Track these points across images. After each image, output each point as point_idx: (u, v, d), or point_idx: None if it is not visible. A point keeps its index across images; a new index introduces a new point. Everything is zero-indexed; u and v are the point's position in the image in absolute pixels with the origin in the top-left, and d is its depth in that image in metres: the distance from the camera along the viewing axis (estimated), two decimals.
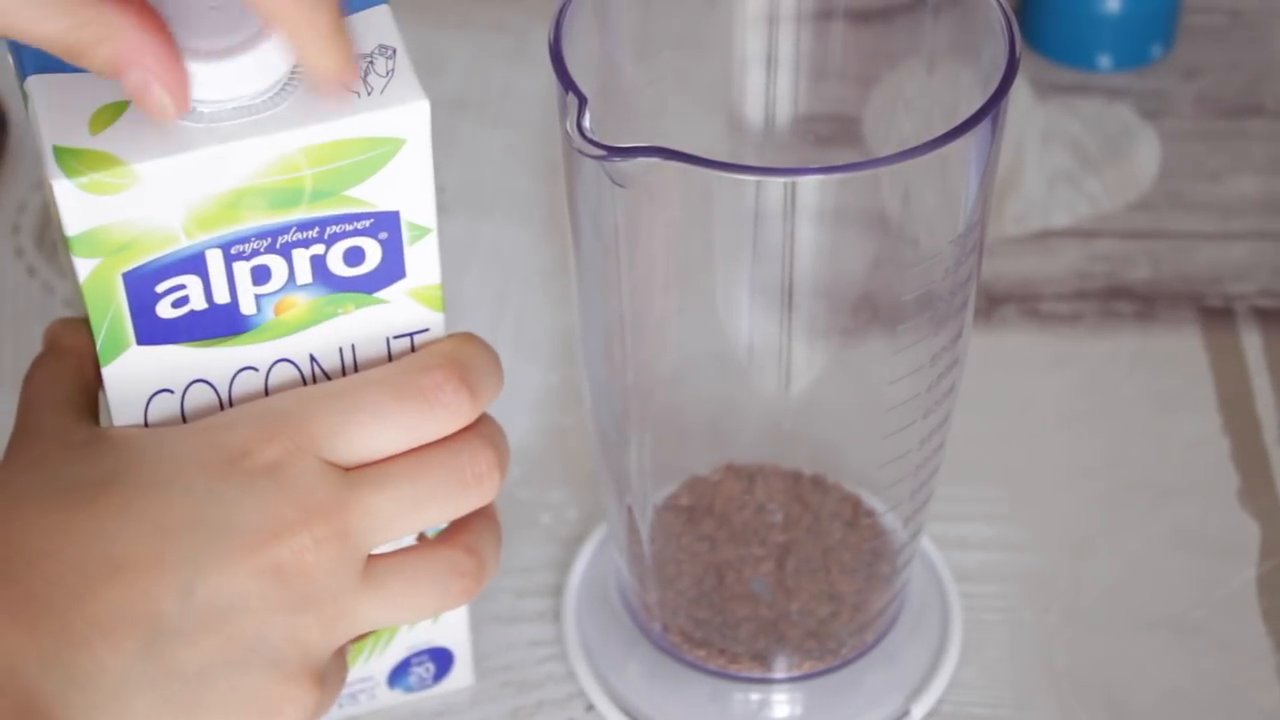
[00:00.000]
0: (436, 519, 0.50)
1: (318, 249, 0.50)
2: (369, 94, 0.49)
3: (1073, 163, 0.82)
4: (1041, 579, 0.67)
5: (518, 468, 0.71)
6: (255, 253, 0.50)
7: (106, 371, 0.51)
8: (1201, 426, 0.72)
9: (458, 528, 0.52)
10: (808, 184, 0.52)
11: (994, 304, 0.76)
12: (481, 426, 0.51)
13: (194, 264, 0.49)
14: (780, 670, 0.62)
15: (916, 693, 0.63)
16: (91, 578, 0.46)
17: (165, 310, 0.50)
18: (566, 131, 0.50)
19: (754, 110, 0.61)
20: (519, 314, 0.76)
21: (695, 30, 0.60)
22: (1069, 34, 0.86)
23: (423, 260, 0.52)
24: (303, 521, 0.48)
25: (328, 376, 0.53)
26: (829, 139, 0.62)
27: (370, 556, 0.50)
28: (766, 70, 0.60)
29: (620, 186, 0.50)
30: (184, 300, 0.50)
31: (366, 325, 0.52)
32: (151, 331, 0.50)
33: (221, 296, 0.50)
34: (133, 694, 0.47)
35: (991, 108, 0.51)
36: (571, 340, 0.75)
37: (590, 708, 0.63)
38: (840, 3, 0.59)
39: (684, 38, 0.59)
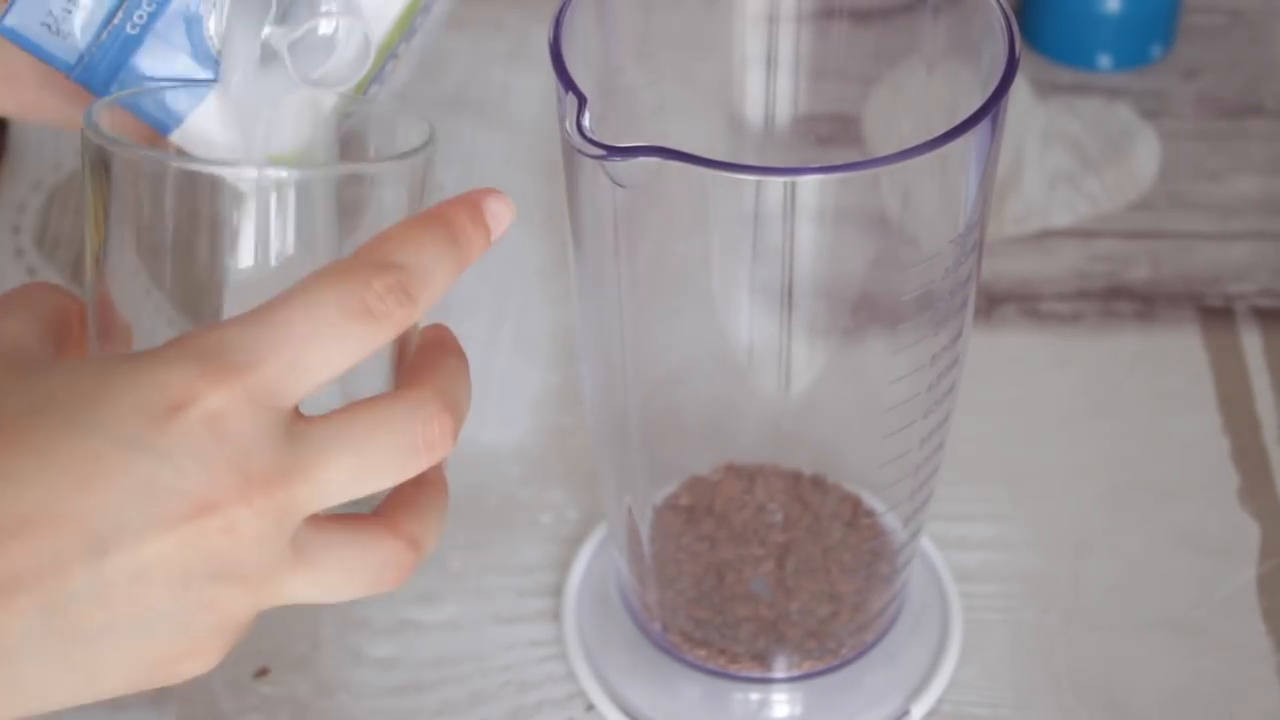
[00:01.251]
0: (382, 486, 0.47)
1: None
2: None
3: (1073, 163, 0.82)
4: (1041, 579, 0.67)
5: (517, 467, 0.71)
6: None
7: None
8: (1201, 426, 0.72)
9: (402, 509, 0.49)
10: (808, 184, 0.52)
11: (994, 304, 0.76)
12: (441, 383, 0.48)
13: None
14: (780, 670, 0.62)
15: (916, 693, 0.63)
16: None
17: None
18: (566, 131, 0.50)
19: (754, 110, 0.61)
20: (519, 314, 0.76)
21: (695, 30, 0.60)
22: (1069, 34, 0.86)
23: None
24: (240, 492, 0.44)
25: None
26: (829, 139, 0.62)
27: (304, 522, 0.46)
28: (766, 70, 0.60)
29: (620, 186, 0.50)
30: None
31: None
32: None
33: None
34: (28, 653, 0.44)
35: (991, 108, 0.51)
36: (571, 340, 0.75)
37: (590, 708, 0.63)
38: (840, 3, 0.59)
39: (684, 38, 0.59)
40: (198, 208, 0.48)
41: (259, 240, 0.49)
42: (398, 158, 0.49)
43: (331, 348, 0.45)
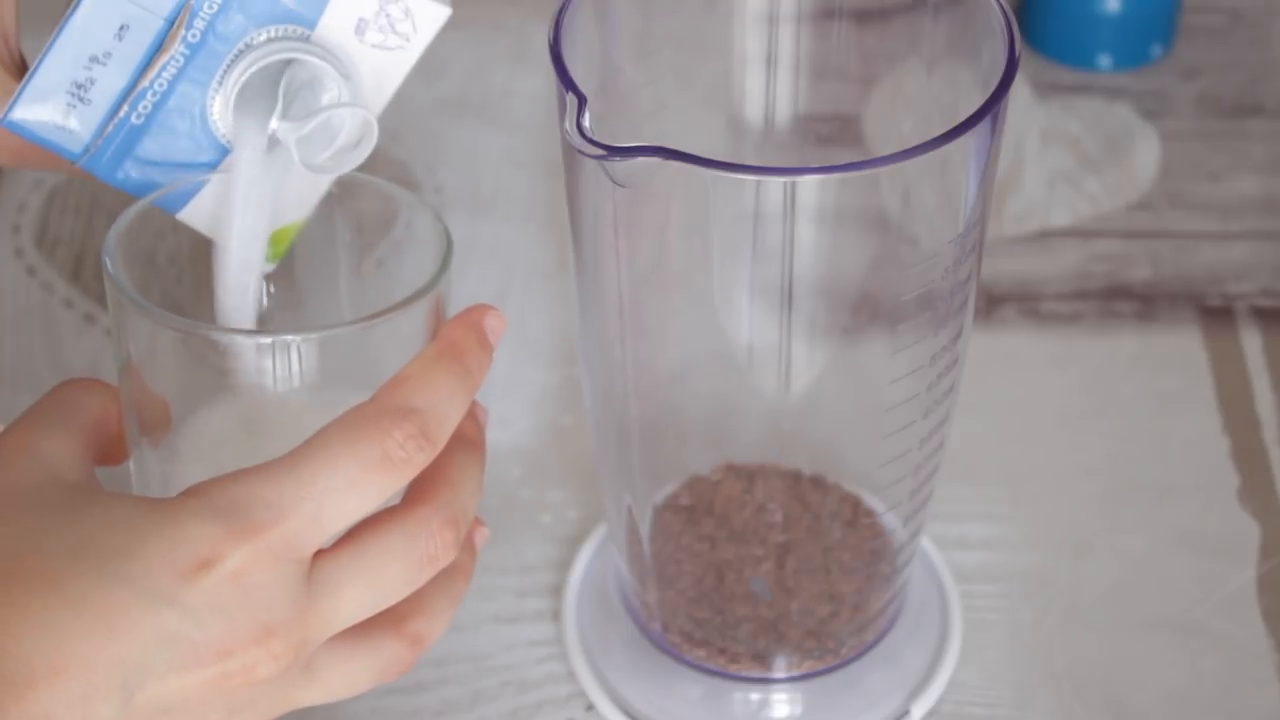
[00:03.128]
0: (391, 604, 0.50)
1: None
2: None
3: (1073, 163, 0.82)
4: (1041, 579, 0.67)
5: (517, 468, 0.71)
6: None
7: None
8: (1201, 426, 0.72)
9: (410, 604, 0.51)
10: (808, 184, 0.52)
11: (994, 304, 0.76)
12: (443, 494, 0.50)
13: None
14: (780, 670, 0.62)
15: (916, 693, 0.63)
16: (35, 675, 0.45)
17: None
18: (566, 131, 0.50)
19: (754, 110, 0.61)
20: (519, 314, 0.76)
21: (695, 30, 0.60)
22: (1069, 34, 0.86)
23: None
24: (260, 640, 0.47)
25: None
26: (829, 139, 0.62)
27: None
28: (766, 70, 0.60)
29: (620, 186, 0.50)
30: None
31: None
32: None
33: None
34: None
35: (991, 108, 0.51)
36: (571, 340, 0.75)
37: (590, 708, 0.63)
38: (840, 3, 0.59)
39: (684, 38, 0.59)
40: (216, 363, 0.50)
41: (279, 387, 0.51)
42: (416, 297, 0.50)
43: (352, 499, 0.47)
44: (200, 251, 0.54)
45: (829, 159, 0.59)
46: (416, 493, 0.50)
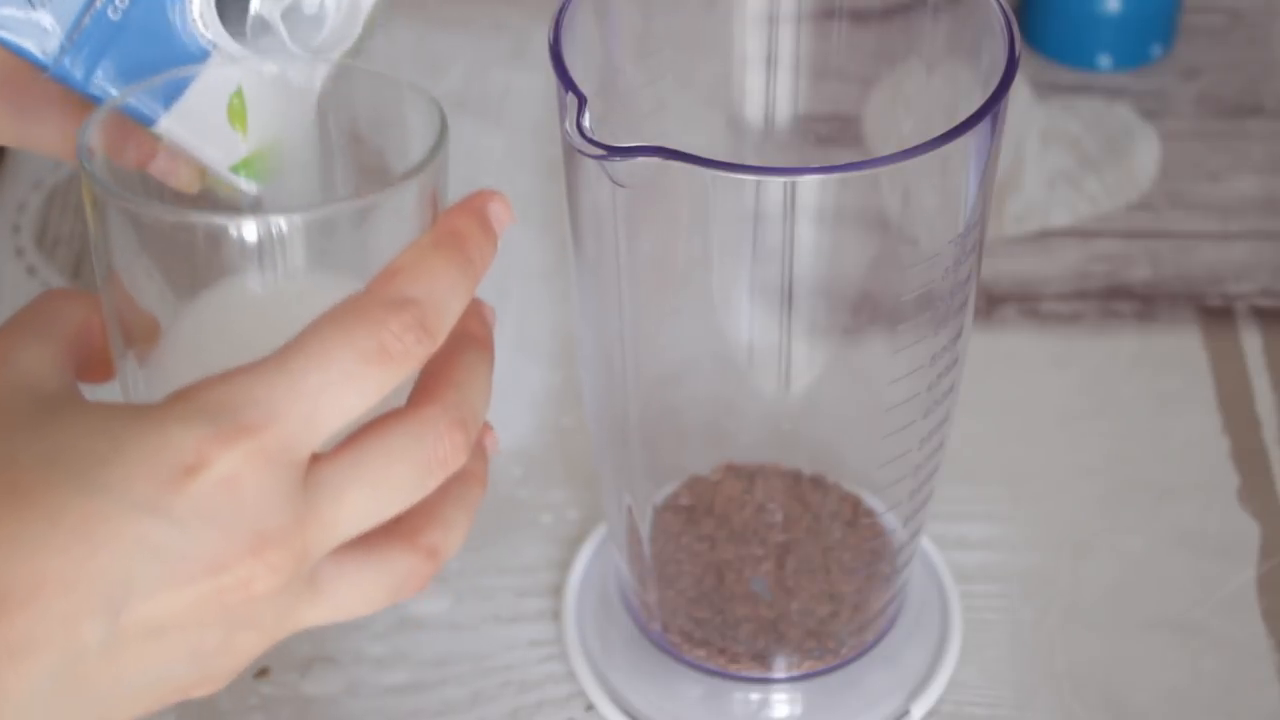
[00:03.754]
0: (398, 511, 0.46)
1: None
2: None
3: (1073, 163, 0.82)
4: (1041, 579, 0.67)
5: (518, 468, 0.71)
6: None
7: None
8: (1201, 426, 0.72)
9: (423, 517, 0.48)
10: (808, 184, 0.52)
11: (994, 304, 0.76)
12: (450, 395, 0.47)
13: None
14: (780, 670, 0.62)
15: (916, 693, 0.63)
16: (10, 595, 0.42)
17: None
18: (566, 131, 0.50)
19: (754, 110, 0.61)
20: (519, 314, 0.76)
21: (695, 30, 0.60)
22: (1069, 34, 0.86)
23: None
24: (255, 551, 0.43)
25: None
26: (829, 139, 0.62)
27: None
28: (766, 70, 0.60)
29: (620, 186, 0.50)
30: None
31: None
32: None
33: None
34: (36, 711, 0.43)
35: (991, 108, 0.51)
36: (571, 340, 0.75)
37: (590, 708, 0.63)
38: (840, 3, 0.59)
39: (684, 38, 0.59)
40: (203, 257, 0.47)
41: (267, 277, 0.47)
42: (410, 175, 0.47)
43: (348, 395, 0.44)
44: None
45: (829, 159, 0.59)
46: (421, 394, 0.47)
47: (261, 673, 0.64)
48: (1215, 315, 0.76)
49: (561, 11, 0.53)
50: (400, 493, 0.45)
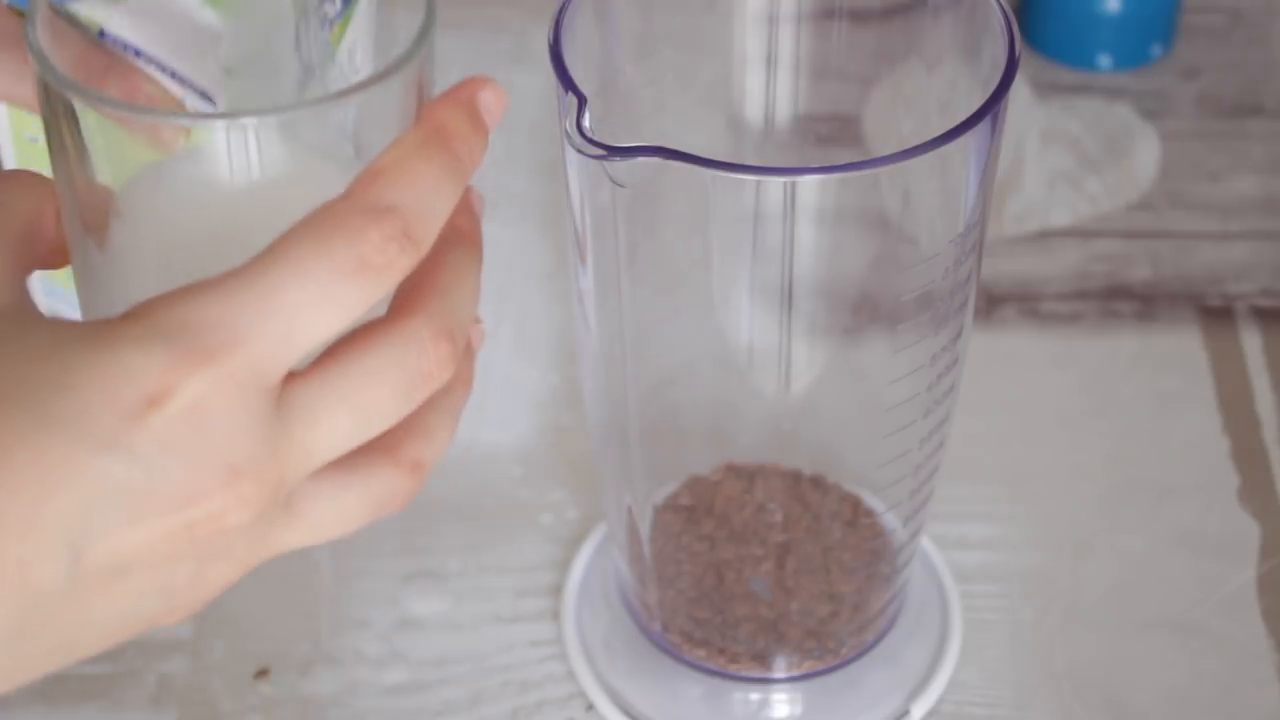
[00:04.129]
0: (380, 431, 0.43)
1: None
2: None
3: (1073, 163, 0.82)
4: (1041, 579, 0.67)
5: (518, 468, 0.71)
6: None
7: None
8: (1201, 426, 0.72)
9: (404, 429, 0.44)
10: (808, 184, 0.52)
11: (994, 304, 0.76)
12: (434, 303, 0.43)
13: None
14: (780, 670, 0.62)
15: (916, 693, 0.63)
16: None
17: None
18: (566, 131, 0.50)
19: (754, 110, 0.61)
20: (519, 314, 0.76)
21: (695, 30, 0.60)
22: (1069, 34, 0.86)
23: None
24: (226, 483, 0.40)
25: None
26: (829, 139, 0.62)
27: None
28: (766, 70, 0.60)
29: (620, 186, 0.50)
30: None
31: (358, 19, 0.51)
32: None
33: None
34: None
35: (991, 107, 0.51)
36: (571, 340, 0.75)
37: (590, 708, 0.63)
38: (840, 3, 0.59)
39: (684, 38, 0.59)
40: (167, 154, 0.44)
41: (239, 180, 0.44)
42: (392, 69, 0.43)
43: (325, 313, 0.40)
44: None
45: (829, 159, 0.59)
46: (403, 302, 0.43)
47: (261, 673, 0.64)
48: (1215, 315, 0.76)
49: (561, 11, 0.53)
50: (383, 413, 0.42)
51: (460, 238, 0.45)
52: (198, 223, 0.44)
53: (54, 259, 0.46)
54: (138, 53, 0.50)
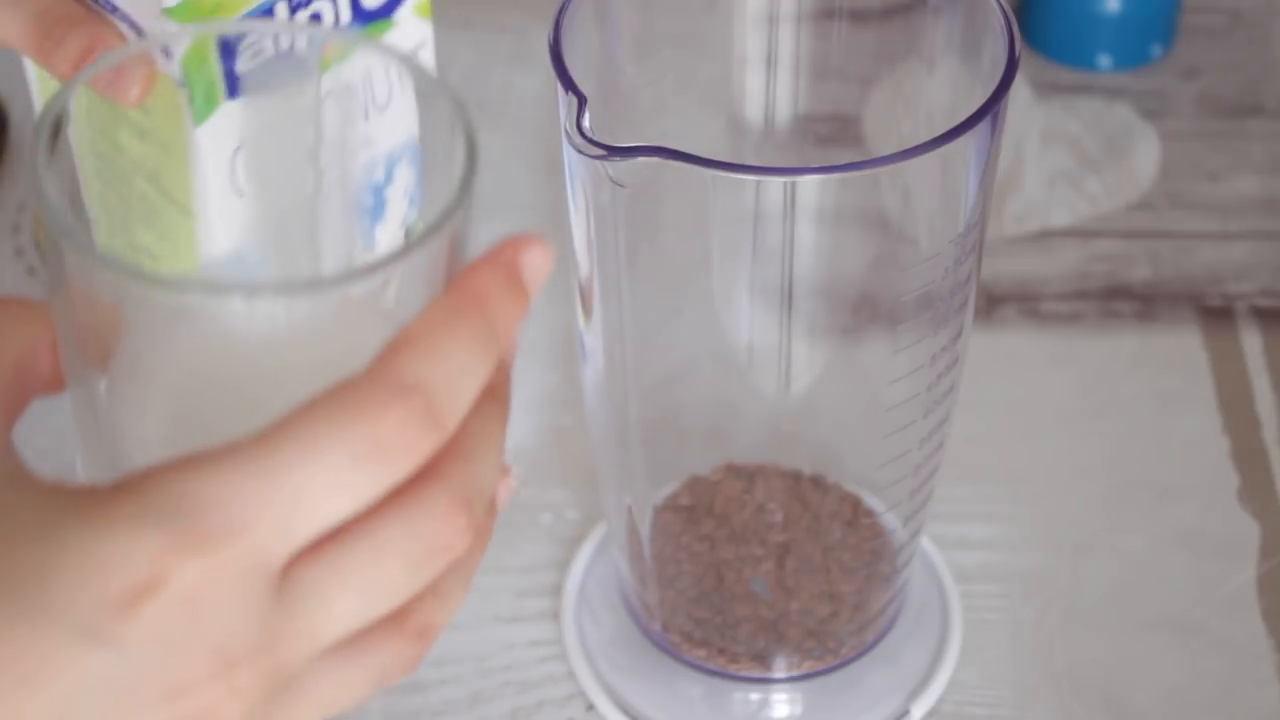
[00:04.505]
0: (390, 609, 0.39)
1: None
2: None
3: (1073, 163, 0.82)
4: (1041, 579, 0.67)
5: (517, 468, 0.70)
6: (310, 0, 0.54)
7: (200, 131, 0.52)
8: (1201, 426, 0.72)
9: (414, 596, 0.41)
10: (808, 184, 0.52)
11: (994, 304, 0.76)
12: (454, 467, 0.39)
13: (266, 16, 0.53)
14: (780, 670, 0.62)
15: (916, 693, 0.63)
16: None
17: (244, 64, 0.52)
18: (566, 131, 0.50)
19: (754, 110, 0.61)
20: None
21: (695, 30, 0.60)
22: (1069, 34, 0.86)
23: None
24: (218, 675, 0.37)
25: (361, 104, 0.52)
26: (829, 139, 0.62)
27: None
28: (766, 70, 0.60)
29: (620, 186, 0.50)
30: (259, 52, 0.52)
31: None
32: (234, 86, 0.53)
33: (285, 45, 0.53)
34: None
35: (991, 108, 0.51)
36: (571, 340, 0.75)
37: (590, 708, 0.63)
38: (840, 3, 0.59)
39: (684, 38, 0.59)
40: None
41: (255, 336, 0.40)
42: (430, 233, 0.40)
43: (335, 499, 0.37)
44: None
45: (829, 159, 0.59)
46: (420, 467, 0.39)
47: None
48: (1215, 315, 0.76)
49: (561, 11, 0.53)
50: (393, 590, 0.39)
51: (487, 394, 0.41)
52: (209, 372, 0.41)
53: (49, 392, 0.43)
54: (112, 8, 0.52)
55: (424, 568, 0.39)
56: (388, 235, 0.59)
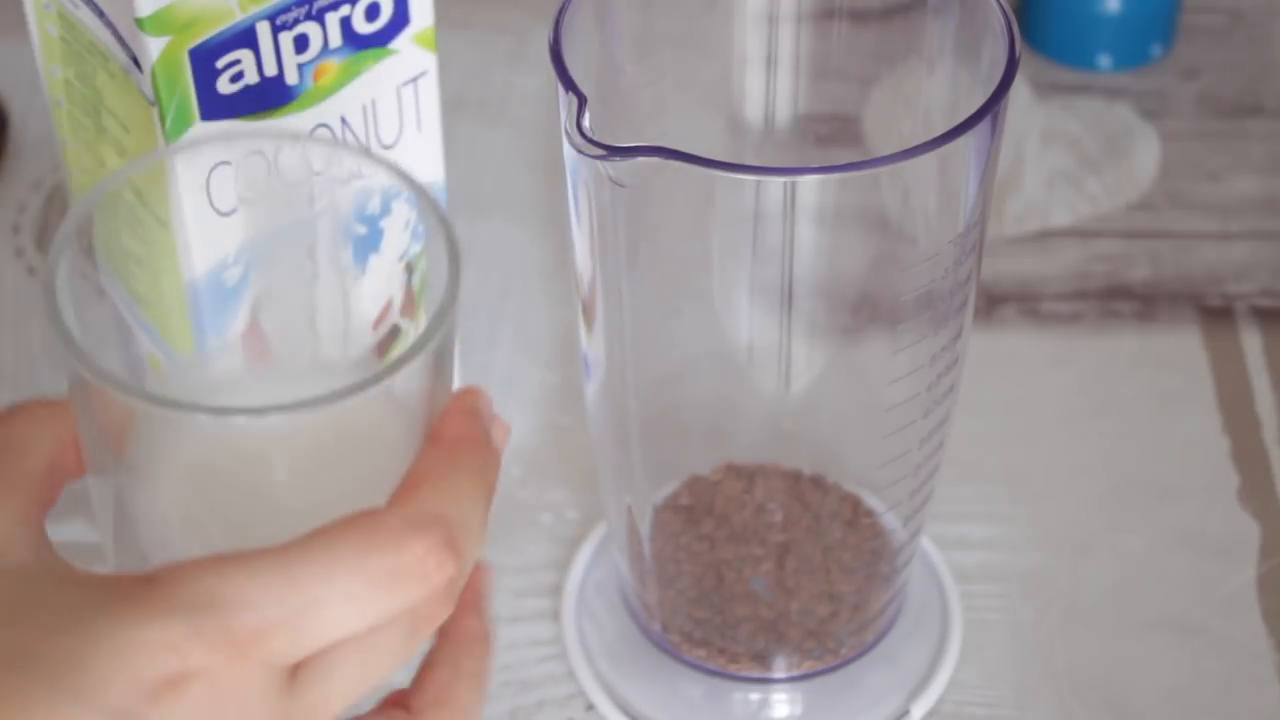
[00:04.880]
0: (388, 678, 0.42)
1: (345, 10, 0.55)
2: None
3: (1073, 163, 0.82)
4: (1041, 579, 0.67)
5: (517, 468, 0.71)
6: (296, 21, 0.54)
7: (172, 149, 0.53)
8: (1201, 426, 0.72)
9: (436, 695, 0.45)
10: (808, 184, 0.52)
11: (994, 304, 0.76)
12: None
13: (247, 38, 0.54)
14: (780, 670, 0.62)
15: (916, 693, 0.63)
16: None
17: (224, 86, 0.54)
18: (566, 131, 0.50)
19: (754, 110, 0.61)
20: (519, 314, 0.76)
21: (695, 30, 0.60)
22: (1069, 34, 0.86)
23: (419, 2, 0.57)
24: None
25: (355, 137, 0.54)
26: (829, 139, 0.62)
27: None
28: (766, 70, 0.60)
29: (620, 186, 0.50)
30: (239, 75, 0.54)
31: (382, 79, 0.57)
32: (213, 107, 0.54)
33: (270, 69, 0.54)
34: None
35: (991, 107, 0.51)
36: (571, 340, 0.75)
37: (590, 708, 0.63)
38: (840, 3, 0.59)
39: (684, 38, 0.59)
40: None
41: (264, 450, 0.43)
42: (414, 351, 0.42)
43: (349, 616, 0.40)
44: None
45: (829, 159, 0.59)
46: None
47: None
48: (1215, 315, 0.76)
49: (561, 11, 0.53)
50: (390, 656, 0.42)
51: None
52: (217, 467, 0.43)
53: (75, 478, 0.45)
54: None
55: (413, 639, 0.42)
56: (384, 266, 0.59)
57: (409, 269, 0.56)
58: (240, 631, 0.39)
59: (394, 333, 0.63)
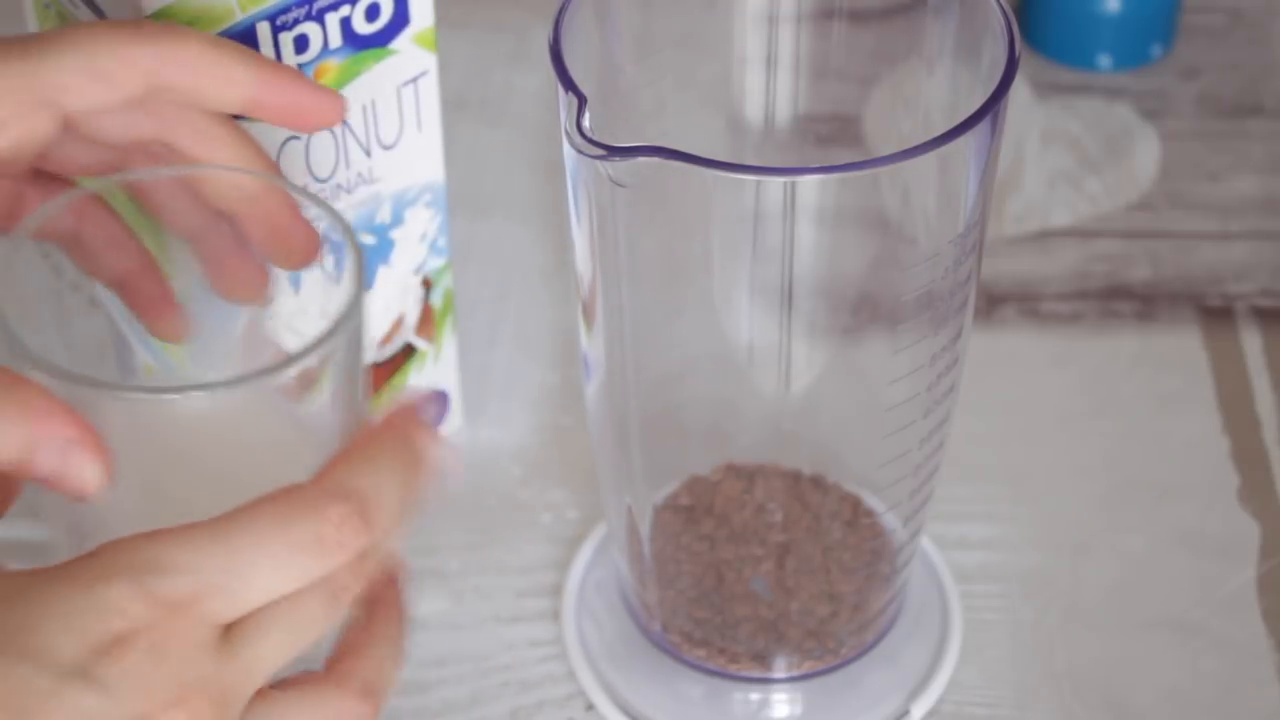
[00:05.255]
0: (315, 640, 0.46)
1: (345, 10, 0.55)
2: None
3: (1073, 163, 0.82)
4: (1041, 579, 0.67)
5: (518, 468, 0.71)
6: (296, 21, 0.54)
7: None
8: (1201, 426, 0.72)
9: (352, 656, 0.49)
10: (808, 184, 0.52)
11: (994, 304, 0.76)
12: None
13: (247, 38, 0.54)
14: (780, 670, 0.62)
15: (916, 693, 0.63)
16: None
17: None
18: (566, 131, 0.50)
19: (754, 110, 0.61)
20: (519, 313, 0.76)
21: (695, 30, 0.60)
22: (1069, 34, 0.86)
23: (419, 2, 0.57)
24: (177, 701, 0.43)
25: (355, 137, 0.54)
26: (829, 139, 0.62)
27: (249, 701, 0.46)
28: (766, 70, 0.60)
29: (620, 186, 0.50)
30: None
31: (382, 79, 0.57)
32: None
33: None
34: None
35: (991, 108, 0.51)
36: (571, 340, 0.75)
37: (590, 708, 0.63)
38: (840, 3, 0.59)
39: (684, 38, 0.59)
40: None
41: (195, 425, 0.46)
42: (326, 338, 0.46)
43: (277, 578, 0.44)
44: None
45: (829, 159, 0.59)
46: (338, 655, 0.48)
47: None
48: (1215, 315, 0.76)
49: (561, 11, 0.53)
50: (314, 619, 0.46)
51: (381, 640, 0.49)
52: (156, 450, 0.47)
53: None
54: None
55: (335, 604, 0.46)
56: (394, 279, 0.60)
57: (427, 285, 0.57)
58: (179, 592, 0.43)
59: (407, 351, 0.64)
